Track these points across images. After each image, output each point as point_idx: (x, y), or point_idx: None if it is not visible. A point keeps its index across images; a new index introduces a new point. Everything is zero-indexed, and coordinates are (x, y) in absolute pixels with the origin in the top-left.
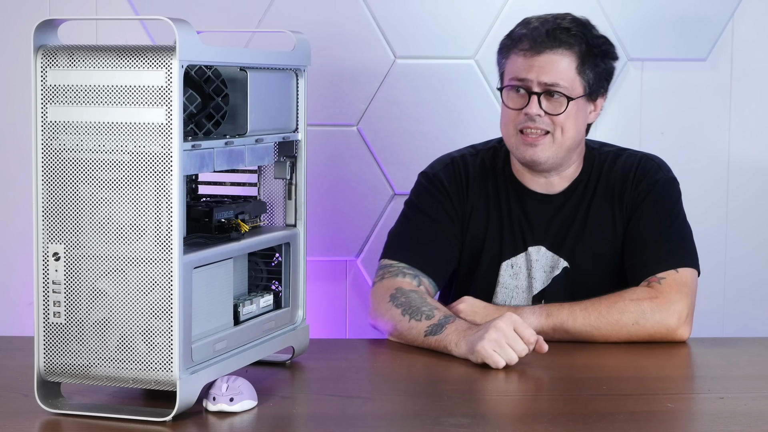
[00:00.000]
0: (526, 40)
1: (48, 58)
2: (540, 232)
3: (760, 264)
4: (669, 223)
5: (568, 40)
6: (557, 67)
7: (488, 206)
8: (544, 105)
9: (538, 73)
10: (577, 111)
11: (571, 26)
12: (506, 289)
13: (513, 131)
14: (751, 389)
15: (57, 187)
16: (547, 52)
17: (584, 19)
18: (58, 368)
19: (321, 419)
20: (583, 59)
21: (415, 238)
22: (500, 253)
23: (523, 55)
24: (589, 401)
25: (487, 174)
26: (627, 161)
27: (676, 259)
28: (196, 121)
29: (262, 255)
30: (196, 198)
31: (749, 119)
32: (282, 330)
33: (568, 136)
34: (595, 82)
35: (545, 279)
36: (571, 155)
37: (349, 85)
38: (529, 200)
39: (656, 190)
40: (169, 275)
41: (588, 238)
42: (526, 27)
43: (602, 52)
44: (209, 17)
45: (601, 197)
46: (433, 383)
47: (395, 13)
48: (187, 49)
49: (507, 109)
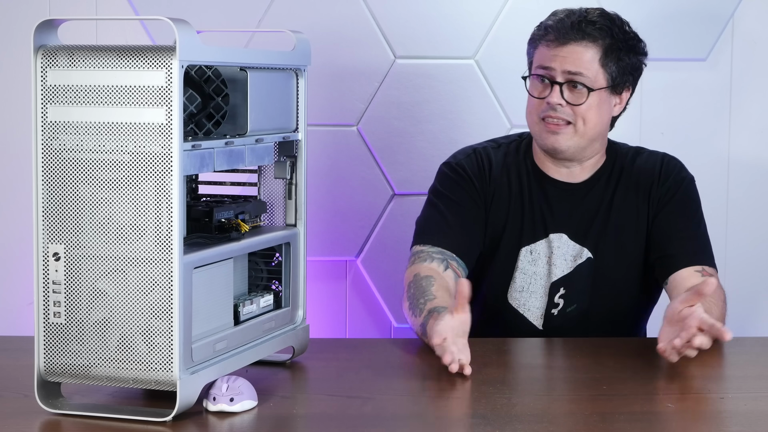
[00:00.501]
0: (552, 32)
1: (48, 58)
2: (562, 220)
3: (760, 264)
4: (698, 222)
5: (593, 32)
6: (581, 57)
7: (510, 194)
8: (566, 95)
9: (561, 63)
10: (600, 103)
11: (598, 19)
12: (524, 275)
13: (536, 119)
14: (751, 389)
15: (57, 188)
16: (572, 43)
17: (614, 14)
18: (58, 368)
19: (321, 419)
20: (606, 52)
21: (444, 222)
22: (520, 239)
23: (548, 45)
24: (589, 401)
25: (509, 163)
26: (650, 157)
27: (710, 257)
28: (196, 121)
29: (262, 255)
30: (196, 198)
31: (749, 119)
32: (282, 330)
33: (590, 126)
34: (619, 75)
35: (567, 267)
36: (593, 146)
37: (349, 85)
38: (550, 188)
39: (684, 187)
40: (169, 275)
41: (612, 230)
42: (554, 18)
43: (628, 47)
44: (209, 17)
45: (624, 189)
46: (433, 383)
47: (395, 13)
48: (187, 49)
49: (531, 97)
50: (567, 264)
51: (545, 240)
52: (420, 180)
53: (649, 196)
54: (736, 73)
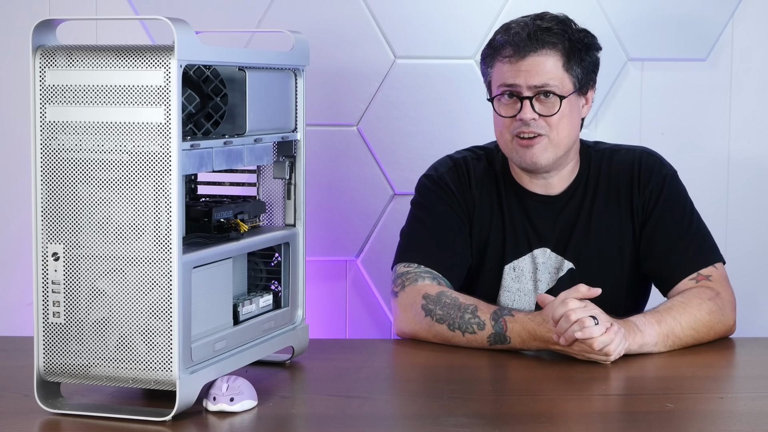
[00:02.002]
0: (509, 46)
1: (47, 58)
2: (544, 234)
3: (760, 264)
4: (689, 219)
5: (550, 39)
6: (544, 68)
7: (491, 209)
8: (537, 108)
9: (526, 77)
10: (571, 108)
11: (551, 25)
12: (509, 293)
13: (509, 137)
14: (751, 389)
15: (56, 187)
16: (532, 54)
17: (562, 16)
18: (57, 368)
19: (321, 419)
20: (568, 56)
21: (428, 241)
22: (503, 255)
23: (508, 61)
24: (589, 401)
25: (488, 177)
26: (626, 157)
27: (710, 255)
28: (194, 121)
29: (262, 255)
30: (195, 198)
31: (749, 119)
32: (282, 330)
33: (564, 134)
34: (584, 76)
35: (551, 280)
36: (569, 153)
37: (349, 85)
38: (531, 202)
39: (666, 188)
40: (169, 275)
41: (593, 239)
42: (507, 33)
43: (585, 46)
44: (209, 17)
45: (604, 196)
46: (433, 383)
47: (395, 13)
48: (186, 49)
49: (500, 117)
50: (551, 277)
51: (529, 256)
52: None
53: (631, 203)
54: (736, 73)
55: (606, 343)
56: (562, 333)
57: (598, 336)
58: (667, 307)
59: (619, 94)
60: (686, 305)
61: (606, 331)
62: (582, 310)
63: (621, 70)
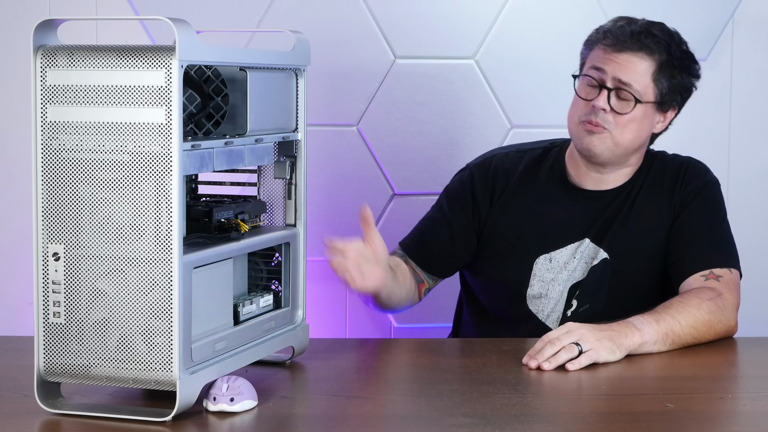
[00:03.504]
0: (611, 36)
1: (48, 58)
2: (586, 227)
3: (760, 264)
4: (719, 224)
5: (650, 44)
6: (635, 68)
7: (530, 200)
8: (613, 102)
9: (614, 69)
10: (643, 116)
11: (659, 33)
12: (542, 282)
13: (577, 120)
14: (751, 389)
15: (57, 187)
16: (628, 51)
17: (674, 30)
18: (58, 368)
19: (321, 419)
20: (661, 67)
21: (428, 235)
22: (538, 247)
23: (605, 49)
24: (589, 401)
25: (532, 172)
26: (676, 160)
27: (727, 259)
28: (195, 121)
29: (262, 255)
30: (196, 198)
31: (749, 119)
32: (282, 330)
33: (628, 138)
34: (668, 93)
35: (584, 270)
36: (629, 157)
37: (349, 85)
38: (578, 197)
39: (706, 190)
40: (169, 275)
41: (630, 231)
42: (614, 24)
43: (683, 66)
44: (209, 17)
45: (647, 192)
46: (433, 383)
47: (395, 13)
48: (187, 49)
49: (577, 98)
50: (586, 266)
51: (569, 247)
52: (420, 180)
53: (671, 200)
54: (736, 73)
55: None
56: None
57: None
58: (665, 307)
59: None
60: (685, 304)
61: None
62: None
63: None
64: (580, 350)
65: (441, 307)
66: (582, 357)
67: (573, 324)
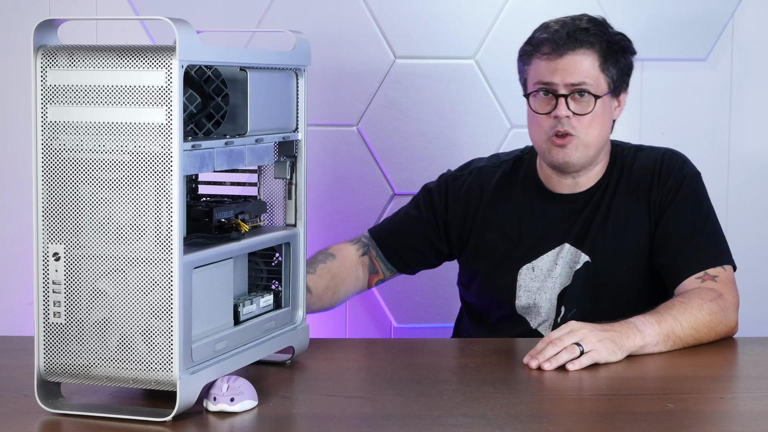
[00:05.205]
0: (548, 44)
1: (48, 58)
2: (565, 231)
3: (760, 264)
4: (704, 219)
5: (588, 39)
6: (581, 67)
7: (505, 214)
8: (572, 106)
9: (563, 75)
10: (604, 109)
11: (589, 26)
12: (529, 292)
13: (544, 136)
14: (751, 389)
15: (57, 188)
16: (569, 53)
17: (600, 18)
18: (58, 368)
19: (321, 419)
20: (605, 57)
21: (398, 226)
22: (520, 257)
23: (546, 58)
24: (589, 401)
25: (508, 182)
26: (650, 155)
27: (719, 256)
28: (196, 121)
29: (262, 255)
30: (196, 198)
31: (749, 119)
32: (282, 330)
33: (595, 134)
34: (618, 78)
35: (568, 275)
36: (599, 153)
37: (349, 85)
38: (556, 203)
39: (686, 186)
40: (169, 275)
41: (610, 232)
42: (546, 31)
43: (622, 48)
44: (209, 17)
45: (624, 191)
46: (433, 383)
47: (395, 13)
48: (187, 49)
49: (535, 114)
50: (569, 272)
51: (549, 254)
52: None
53: (650, 198)
54: (736, 73)
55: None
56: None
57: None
58: (667, 308)
59: None
60: (686, 305)
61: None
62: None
63: None
64: (581, 350)
65: (441, 307)
66: (583, 357)
67: (575, 324)
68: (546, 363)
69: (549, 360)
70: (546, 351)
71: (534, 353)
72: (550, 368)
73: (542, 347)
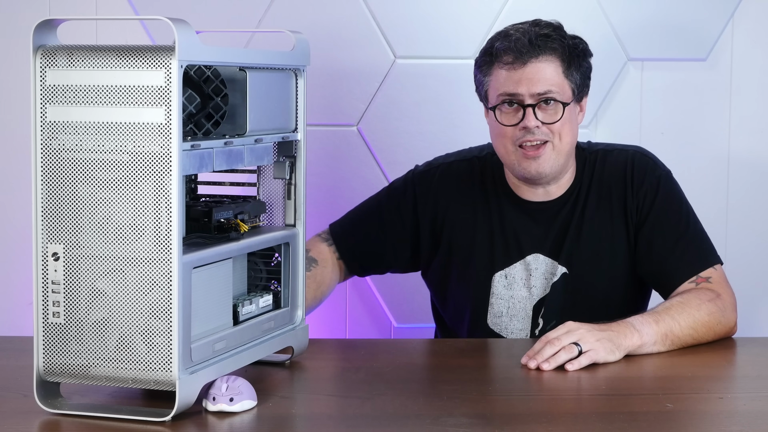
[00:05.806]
0: (510, 53)
1: (47, 58)
2: (538, 240)
3: (760, 264)
4: (686, 221)
5: (550, 45)
6: (545, 75)
7: (476, 216)
8: (540, 115)
9: (528, 85)
10: (571, 114)
11: (549, 31)
12: (501, 300)
13: (512, 148)
14: (751, 389)
15: (56, 187)
16: (533, 60)
17: (556, 22)
18: (57, 368)
19: (321, 419)
20: (568, 62)
21: (353, 222)
22: (492, 264)
23: (509, 68)
24: (589, 401)
25: (477, 184)
26: (618, 158)
27: (708, 257)
28: (195, 121)
29: (262, 255)
30: (196, 198)
31: (749, 119)
32: (281, 330)
33: (567, 141)
34: (581, 82)
35: (545, 286)
36: (569, 160)
37: (349, 85)
38: (526, 209)
39: (662, 189)
40: (169, 275)
41: (585, 242)
42: (507, 39)
43: (582, 52)
44: (209, 17)
45: (596, 198)
46: (433, 383)
47: (395, 13)
48: (187, 49)
49: (501, 126)
50: (546, 283)
51: (521, 262)
52: None
53: (625, 205)
54: (736, 73)
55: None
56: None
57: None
58: (666, 307)
59: (619, 94)
60: (685, 305)
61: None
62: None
63: (621, 70)
64: (579, 350)
65: None
66: (582, 357)
67: (573, 324)
68: (545, 363)
69: (548, 360)
70: (544, 351)
71: (532, 353)
72: (549, 368)
73: (540, 347)
